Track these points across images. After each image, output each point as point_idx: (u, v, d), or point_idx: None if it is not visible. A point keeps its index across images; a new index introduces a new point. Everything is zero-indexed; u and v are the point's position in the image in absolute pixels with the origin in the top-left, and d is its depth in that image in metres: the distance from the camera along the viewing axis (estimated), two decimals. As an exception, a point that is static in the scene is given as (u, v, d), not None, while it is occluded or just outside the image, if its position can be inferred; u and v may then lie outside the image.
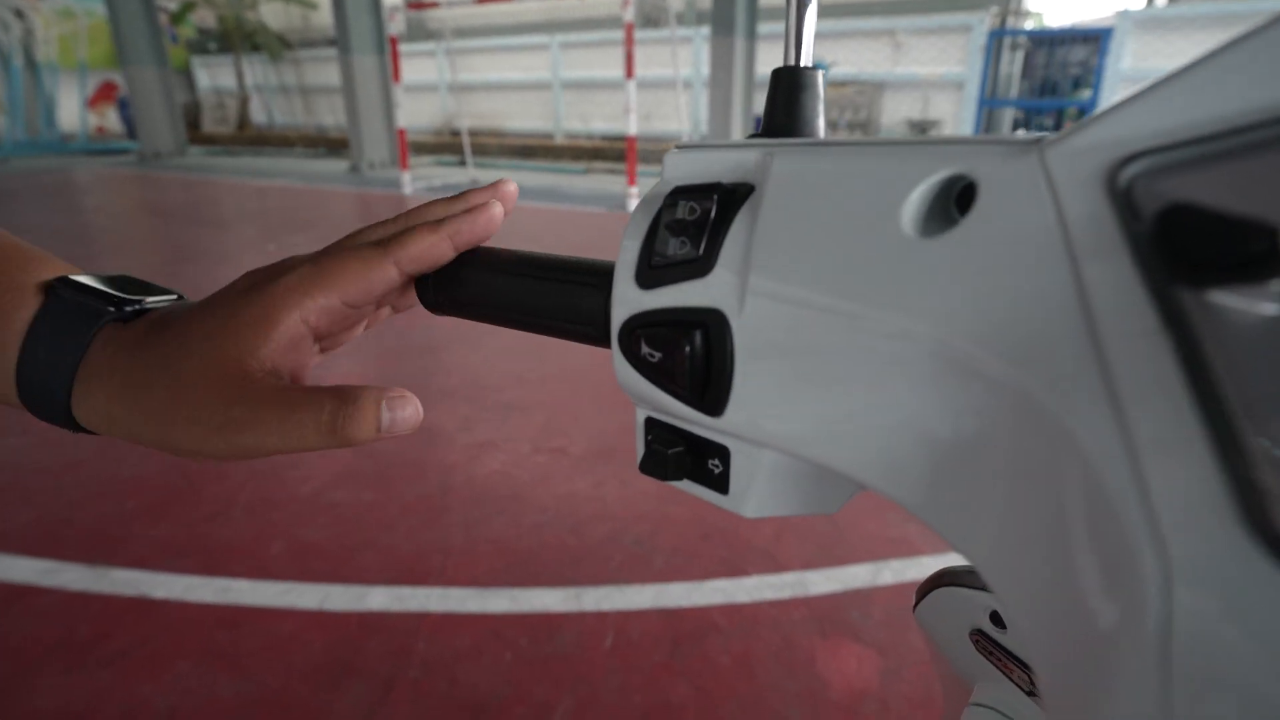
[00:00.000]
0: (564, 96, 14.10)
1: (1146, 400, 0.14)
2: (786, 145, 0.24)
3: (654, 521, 1.87)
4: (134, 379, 0.30)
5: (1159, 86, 0.16)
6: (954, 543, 0.20)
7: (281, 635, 1.47)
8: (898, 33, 10.86)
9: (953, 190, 0.20)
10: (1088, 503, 0.15)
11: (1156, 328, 0.14)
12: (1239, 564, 0.12)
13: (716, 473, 0.26)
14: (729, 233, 0.24)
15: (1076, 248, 0.16)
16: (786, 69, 0.27)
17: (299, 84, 16.54)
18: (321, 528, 1.85)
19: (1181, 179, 0.15)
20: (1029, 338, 0.17)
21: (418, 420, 0.30)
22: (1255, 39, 0.14)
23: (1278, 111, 0.14)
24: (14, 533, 1.80)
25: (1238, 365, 0.14)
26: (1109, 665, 0.14)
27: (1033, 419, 0.17)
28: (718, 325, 0.23)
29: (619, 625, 1.52)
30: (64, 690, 1.32)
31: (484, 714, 1.30)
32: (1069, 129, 0.17)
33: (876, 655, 1.44)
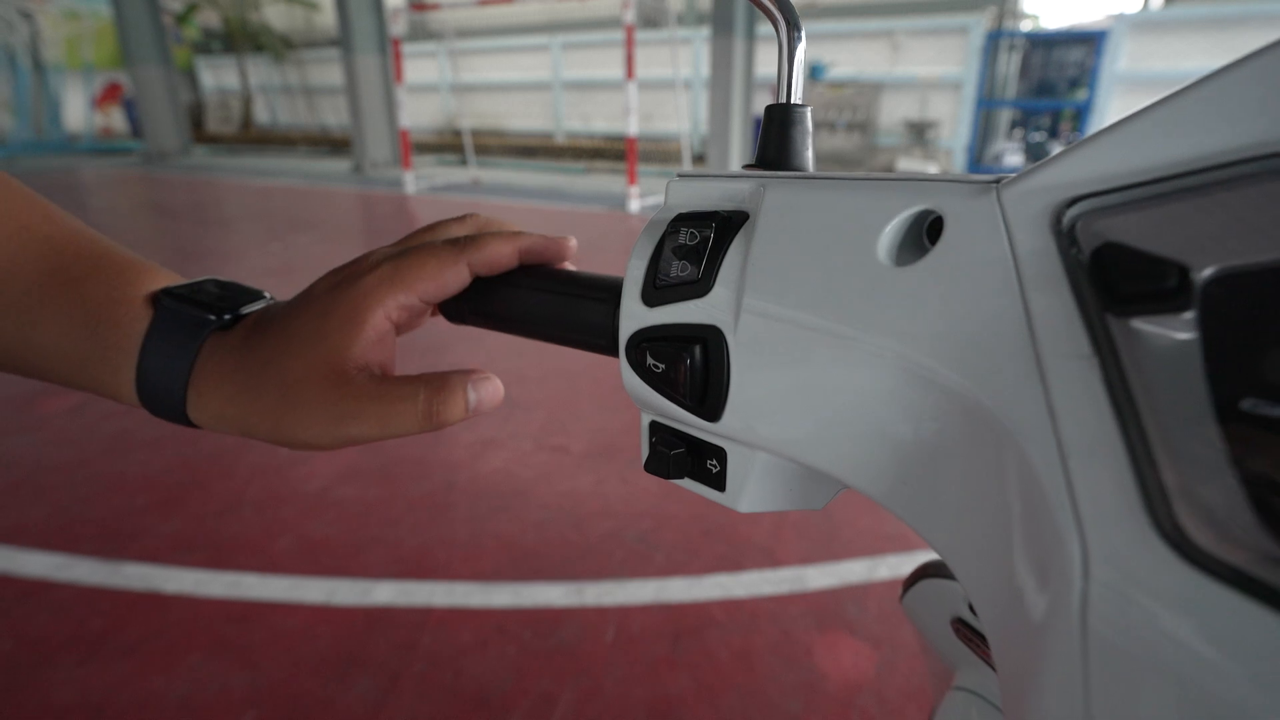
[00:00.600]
0: (565, 97, 14.11)
1: (1076, 413, 0.17)
2: (778, 178, 0.27)
3: (654, 519, 1.90)
4: (244, 383, 0.32)
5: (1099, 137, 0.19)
6: (921, 533, 0.23)
7: (289, 629, 1.50)
8: (896, 34, 10.87)
9: (924, 222, 0.23)
10: (1026, 499, 0.18)
11: (1088, 351, 0.17)
12: (1145, 555, 0.14)
13: (714, 472, 0.29)
14: (725, 257, 0.26)
15: (1025, 278, 0.19)
16: (779, 106, 0.30)
17: (302, 84, 16.55)
18: (328, 524, 1.88)
19: (1114, 221, 0.18)
20: (983, 356, 0.20)
21: (499, 398, 0.33)
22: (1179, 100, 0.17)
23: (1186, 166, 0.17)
24: (28, 527, 1.83)
25: (1153, 384, 0.16)
26: (1042, 641, 0.16)
27: (984, 426, 0.19)
28: (715, 340, 0.26)
29: (620, 619, 1.54)
30: (80, 682, 1.35)
31: (488, 706, 1.32)
32: (1023, 171, 0.20)
33: (872, 649, 1.47)
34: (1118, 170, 0.18)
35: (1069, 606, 0.15)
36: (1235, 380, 0.15)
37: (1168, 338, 0.16)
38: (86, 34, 14.83)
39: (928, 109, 10.78)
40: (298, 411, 0.31)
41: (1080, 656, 0.15)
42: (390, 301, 0.32)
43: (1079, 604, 0.15)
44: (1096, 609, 0.15)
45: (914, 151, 10.84)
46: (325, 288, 0.33)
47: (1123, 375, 0.16)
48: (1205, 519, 0.14)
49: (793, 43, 0.29)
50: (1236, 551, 0.14)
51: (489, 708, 1.32)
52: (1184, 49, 9.07)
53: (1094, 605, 0.15)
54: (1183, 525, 0.14)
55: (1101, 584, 0.15)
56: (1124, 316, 0.17)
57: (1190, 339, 0.16)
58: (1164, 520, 0.15)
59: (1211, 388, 0.16)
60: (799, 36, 0.29)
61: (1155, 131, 0.17)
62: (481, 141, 12.79)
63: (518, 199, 8.34)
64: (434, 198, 8.40)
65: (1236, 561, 0.14)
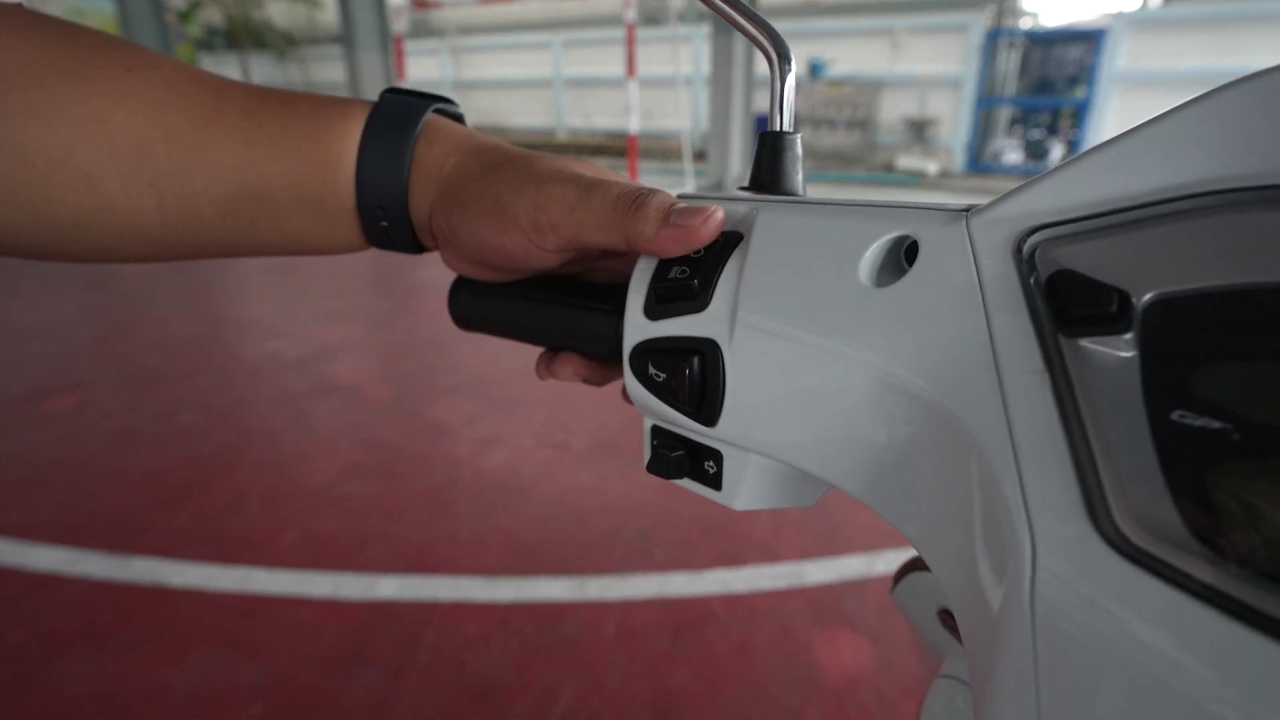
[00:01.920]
0: (566, 94, 14.11)
1: (1030, 423, 0.19)
2: (770, 202, 0.29)
3: (655, 515, 1.92)
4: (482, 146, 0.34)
5: (1057, 172, 0.21)
6: (898, 528, 0.25)
7: (296, 623, 1.52)
8: (895, 32, 10.87)
9: (902, 246, 0.25)
10: (986, 498, 0.20)
11: (1041, 367, 0.19)
12: (1084, 549, 0.16)
13: (711, 473, 0.31)
14: (722, 275, 0.29)
15: (989, 300, 0.21)
16: (771, 133, 0.32)
17: (304, 81, 16.55)
18: (333, 519, 1.90)
19: (1067, 249, 0.20)
20: (952, 369, 0.22)
21: (712, 233, 0.29)
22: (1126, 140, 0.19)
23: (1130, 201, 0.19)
24: (37, 522, 1.86)
25: (1096, 398, 0.18)
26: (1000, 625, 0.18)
27: (951, 432, 0.22)
28: (712, 352, 0.28)
29: (622, 614, 1.57)
30: (90, 674, 1.38)
31: (491, 699, 1.35)
32: (990, 202, 0.22)
33: (870, 643, 1.49)
34: (1071, 203, 0.20)
35: (1021, 594, 0.17)
36: (1167, 395, 0.17)
37: (1111, 356, 0.18)
38: (88, 31, 14.82)
39: (927, 107, 10.78)
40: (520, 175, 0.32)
41: (1030, 638, 0.17)
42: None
43: (1029, 592, 0.17)
44: (1043, 596, 0.17)
45: (913, 149, 10.84)
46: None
47: (1070, 389, 0.18)
48: (1137, 517, 0.16)
49: (784, 74, 0.31)
50: (1163, 546, 0.16)
51: (492, 701, 1.34)
52: (1183, 47, 9.07)
53: (1041, 593, 0.17)
54: (1117, 522, 0.16)
55: (1047, 574, 0.17)
56: (1073, 337, 0.19)
57: (1130, 357, 0.18)
58: (1101, 518, 0.17)
59: (1147, 401, 0.17)
60: (789, 68, 0.31)
61: (1104, 169, 0.20)
62: (482, 139, 12.77)
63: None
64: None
65: (1163, 555, 0.15)
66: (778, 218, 0.28)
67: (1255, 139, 0.17)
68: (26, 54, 0.29)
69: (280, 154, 0.32)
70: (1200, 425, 0.17)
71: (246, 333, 3.59)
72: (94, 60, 0.31)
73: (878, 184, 9.86)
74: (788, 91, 0.32)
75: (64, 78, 0.30)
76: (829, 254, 0.26)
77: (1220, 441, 0.16)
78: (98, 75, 0.30)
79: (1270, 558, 0.15)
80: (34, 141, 0.29)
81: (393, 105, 0.34)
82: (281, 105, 0.33)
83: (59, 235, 0.32)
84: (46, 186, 0.30)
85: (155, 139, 0.31)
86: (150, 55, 0.32)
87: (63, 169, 0.30)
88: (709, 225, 0.29)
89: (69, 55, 0.30)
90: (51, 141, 0.30)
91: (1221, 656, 0.14)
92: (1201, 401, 0.17)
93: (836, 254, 0.26)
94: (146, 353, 3.20)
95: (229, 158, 0.32)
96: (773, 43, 0.31)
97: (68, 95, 0.30)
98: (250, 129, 0.32)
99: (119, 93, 0.31)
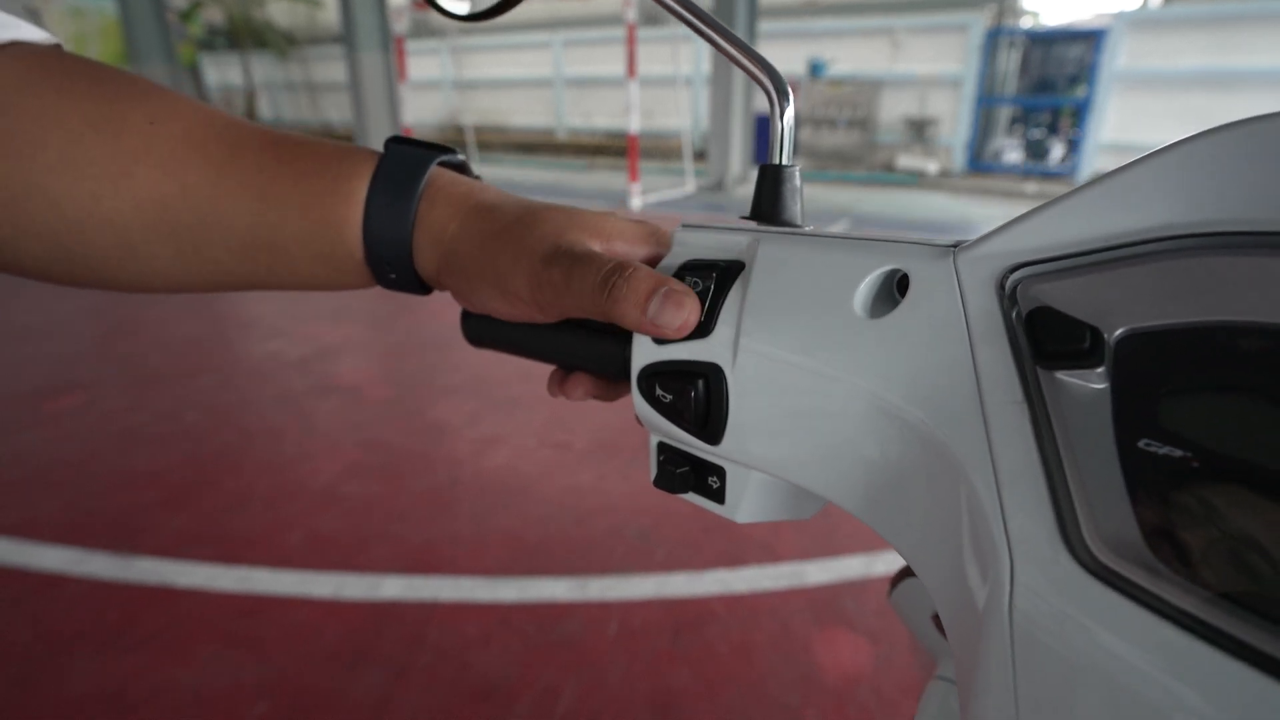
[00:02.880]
0: (566, 93, 14.11)
1: (1009, 449, 0.20)
2: (771, 233, 0.31)
3: (656, 515, 1.93)
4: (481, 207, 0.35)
5: (1039, 212, 0.22)
6: (891, 542, 0.27)
7: (299, 622, 1.53)
8: (896, 31, 10.88)
9: (894, 278, 0.27)
10: (971, 516, 0.21)
11: (1020, 398, 0.21)
12: (1056, 566, 0.18)
13: (715, 487, 0.33)
14: (725, 303, 0.30)
15: (974, 333, 0.23)
16: (771, 166, 0.34)
17: (305, 81, 16.56)
18: (335, 519, 1.91)
19: (1046, 286, 0.22)
20: (940, 397, 0.23)
21: (684, 328, 0.31)
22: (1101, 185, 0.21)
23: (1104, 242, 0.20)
24: (43, 522, 1.87)
25: (1070, 427, 0.20)
26: (983, 632, 0.20)
27: (939, 456, 0.23)
28: (716, 375, 0.30)
29: (622, 614, 1.58)
30: (97, 673, 1.39)
31: (493, 698, 1.36)
32: (976, 239, 0.24)
33: (869, 643, 1.50)
34: (1050, 243, 0.22)
35: (1001, 606, 0.19)
36: (1135, 424, 0.19)
37: (1085, 388, 0.20)
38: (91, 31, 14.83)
39: (927, 106, 10.78)
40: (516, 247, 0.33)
41: (1009, 647, 0.19)
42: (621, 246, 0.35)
43: (1008, 605, 0.19)
44: (1020, 609, 0.18)
45: (914, 149, 10.85)
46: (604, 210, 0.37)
47: (1047, 419, 0.20)
48: (1104, 538, 0.18)
49: (783, 109, 0.32)
50: (1127, 565, 0.17)
51: (495, 700, 1.35)
52: (1182, 47, 9.08)
53: (1018, 606, 0.18)
54: (1087, 543, 0.18)
55: (1024, 589, 0.18)
56: (1050, 369, 0.20)
57: (1102, 389, 0.20)
58: (1073, 539, 0.18)
59: (1116, 431, 0.19)
60: (788, 104, 0.32)
61: (1080, 212, 0.21)
62: (484, 138, 12.81)
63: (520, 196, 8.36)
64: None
65: (1127, 573, 0.17)
66: (778, 249, 0.30)
67: (1213, 189, 0.18)
68: (62, 109, 0.32)
69: (291, 212, 0.34)
70: (1164, 453, 0.18)
71: (248, 332, 3.61)
72: (121, 112, 0.33)
73: (878, 184, 9.87)
74: (787, 126, 0.33)
75: (95, 130, 0.32)
76: (826, 285, 0.27)
77: (1181, 468, 0.18)
78: (124, 129, 0.33)
79: (1224, 577, 0.16)
80: (65, 191, 0.32)
81: (396, 161, 0.35)
82: (293, 160, 0.35)
83: (87, 271, 0.34)
84: (76, 231, 0.33)
85: (174, 193, 0.33)
86: (171, 103, 0.34)
87: (91, 217, 0.33)
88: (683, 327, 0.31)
89: (99, 104, 0.32)
90: (81, 192, 0.32)
91: (1179, 669, 0.15)
92: (1166, 431, 0.18)
93: (833, 285, 0.27)
94: (149, 352, 3.21)
95: (243, 213, 0.34)
96: (772, 80, 0.32)
97: (97, 150, 0.32)
98: (263, 185, 0.34)
99: (142, 147, 0.33)
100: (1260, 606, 0.15)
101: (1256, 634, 0.15)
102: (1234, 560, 0.16)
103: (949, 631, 0.24)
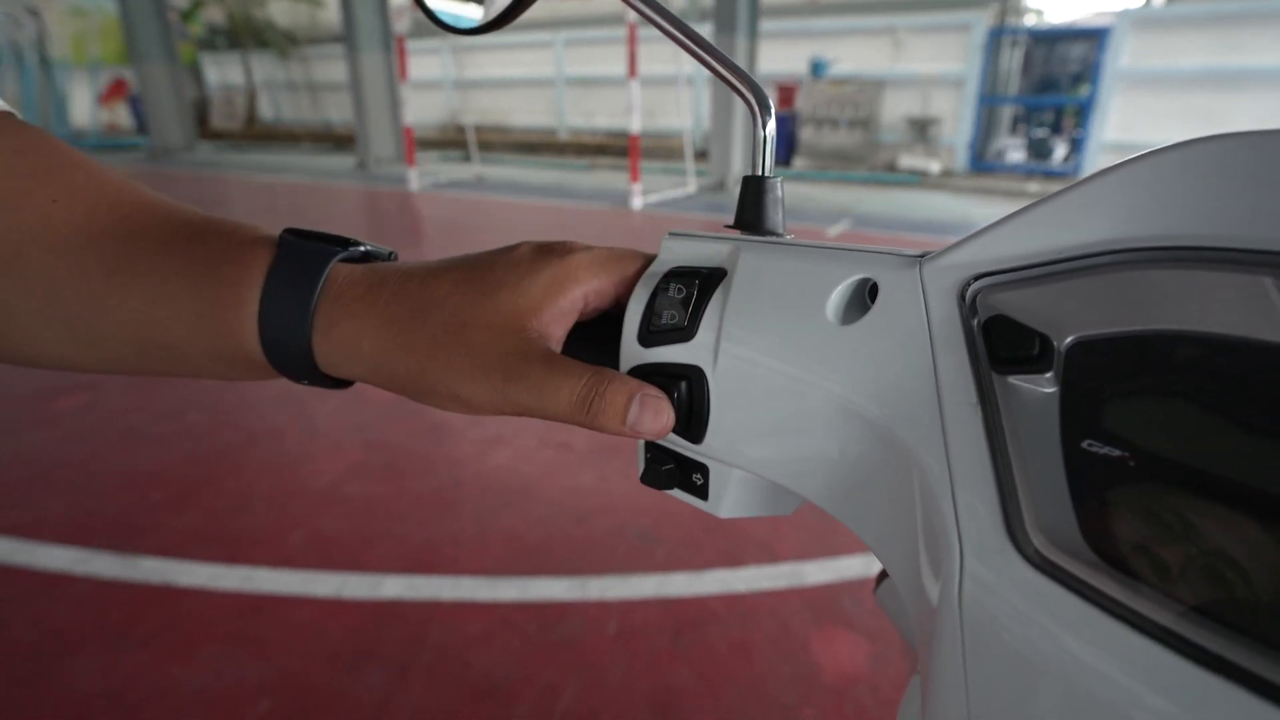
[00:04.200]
0: (568, 93, 14.13)
1: (963, 448, 0.22)
2: (752, 242, 0.32)
3: (656, 515, 1.94)
4: (397, 315, 0.31)
5: (1000, 225, 0.24)
6: (861, 537, 0.28)
7: (302, 621, 1.54)
8: (898, 31, 10.88)
9: (866, 286, 0.28)
10: (927, 511, 0.23)
11: (975, 401, 0.22)
12: (1000, 559, 0.19)
13: (699, 484, 0.34)
14: (707, 309, 0.31)
15: (935, 339, 0.24)
16: (754, 177, 0.35)
17: (306, 80, 16.59)
18: (338, 519, 1.92)
19: (1002, 296, 0.23)
20: (903, 400, 0.25)
21: (663, 431, 0.31)
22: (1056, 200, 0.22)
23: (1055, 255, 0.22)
24: (46, 522, 1.88)
25: (1020, 429, 0.21)
26: (938, 620, 0.21)
27: (901, 455, 0.25)
28: (698, 377, 0.31)
29: (623, 613, 1.59)
30: (100, 672, 1.40)
31: (495, 696, 1.37)
32: (941, 250, 0.25)
33: (867, 642, 1.51)
34: (1007, 254, 0.23)
35: (952, 595, 0.20)
36: (1080, 426, 0.20)
37: (1035, 392, 0.21)
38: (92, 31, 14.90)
39: (930, 106, 10.78)
40: (461, 359, 0.31)
41: (959, 633, 0.20)
42: (593, 282, 0.33)
43: (958, 593, 0.20)
44: (969, 596, 0.20)
45: (916, 148, 10.84)
46: (527, 254, 0.33)
47: (998, 421, 0.21)
48: (1046, 532, 0.19)
49: (764, 123, 0.33)
50: (1066, 557, 0.18)
51: (496, 698, 1.36)
52: (1185, 46, 9.08)
53: (967, 592, 0.20)
54: (1030, 536, 0.19)
55: (971, 579, 0.20)
56: (1003, 374, 0.22)
57: (1051, 393, 0.21)
58: (1017, 533, 0.19)
59: (1062, 432, 0.20)
60: (769, 117, 0.33)
61: (1035, 226, 0.22)
62: (485, 138, 12.82)
63: (521, 196, 8.38)
64: (437, 194, 8.43)
65: (1065, 565, 0.18)
66: (758, 258, 0.31)
67: (1154, 206, 0.20)
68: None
69: (183, 317, 0.32)
70: (1104, 453, 0.19)
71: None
72: (27, 187, 0.31)
73: (880, 183, 9.87)
74: (768, 139, 0.34)
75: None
76: (801, 293, 0.29)
77: (1118, 467, 0.19)
78: (25, 204, 0.31)
79: (1155, 569, 0.17)
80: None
81: (290, 261, 0.32)
82: (186, 258, 0.32)
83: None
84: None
85: (65, 282, 0.31)
86: (80, 182, 0.33)
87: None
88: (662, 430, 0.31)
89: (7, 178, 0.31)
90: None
91: (1111, 655, 0.17)
92: (1108, 433, 0.19)
93: (807, 293, 0.29)
94: (152, 353, 3.22)
95: (135, 313, 0.32)
96: (754, 94, 0.33)
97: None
98: (154, 286, 0.32)
99: (39, 227, 0.31)
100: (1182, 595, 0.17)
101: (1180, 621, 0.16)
102: (1163, 553, 0.17)
103: (915, 625, 0.25)
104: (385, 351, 0.32)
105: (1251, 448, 0.17)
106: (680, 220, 6.87)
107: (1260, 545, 0.16)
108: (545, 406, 0.30)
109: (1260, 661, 0.15)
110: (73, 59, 14.69)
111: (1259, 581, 0.16)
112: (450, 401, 0.32)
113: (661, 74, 10.66)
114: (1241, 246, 0.18)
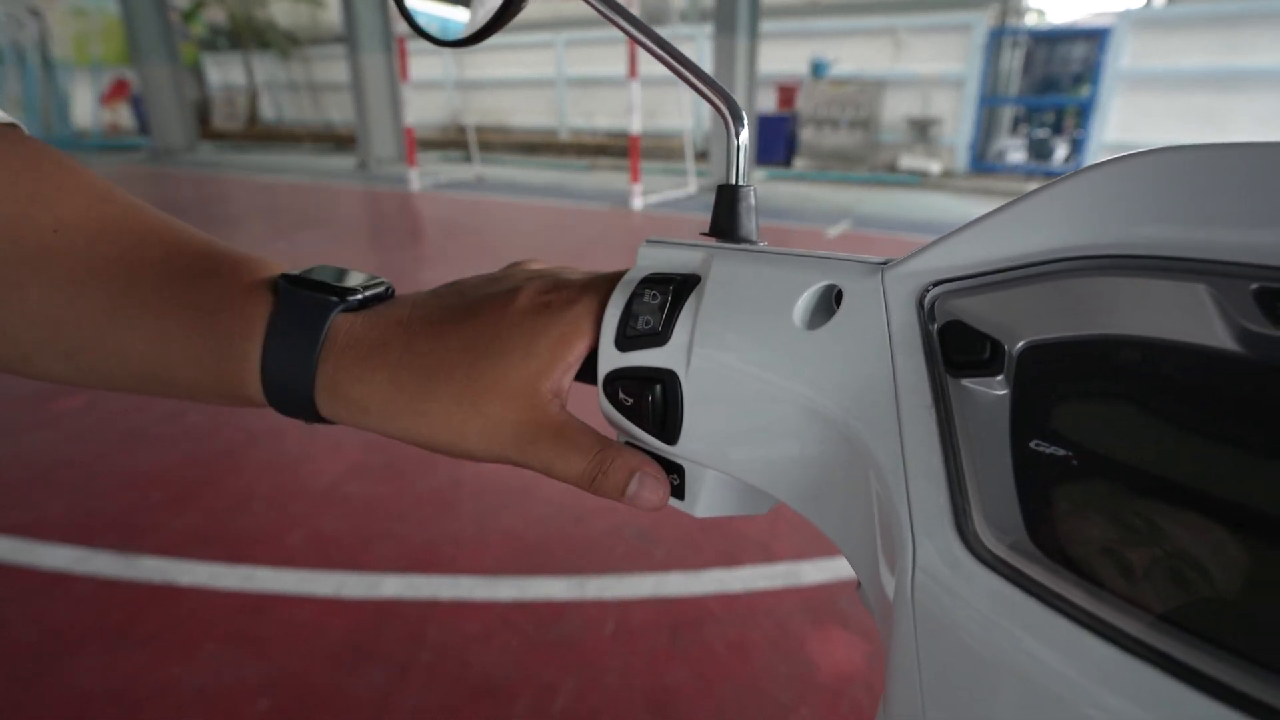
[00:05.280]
0: (568, 93, 14.14)
1: (918, 448, 0.23)
2: (724, 249, 0.33)
3: (654, 515, 1.94)
4: (406, 382, 0.32)
5: (958, 234, 0.25)
6: (826, 533, 0.29)
7: (301, 621, 1.55)
8: (898, 31, 10.89)
9: (832, 292, 0.29)
10: (882, 507, 0.24)
11: (930, 403, 0.23)
12: (949, 554, 0.20)
13: (675, 484, 0.35)
14: (680, 314, 0.32)
15: (895, 344, 0.25)
16: (728, 186, 0.36)
17: (307, 81, 16.62)
18: (337, 518, 1.93)
19: (958, 302, 0.24)
20: (864, 402, 0.26)
21: (659, 504, 0.34)
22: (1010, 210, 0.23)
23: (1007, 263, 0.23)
24: (48, 521, 1.89)
25: (971, 430, 0.22)
26: (894, 612, 0.22)
27: (862, 454, 0.26)
28: (672, 381, 0.32)
29: (620, 613, 1.59)
30: (100, 671, 1.41)
31: (493, 695, 1.37)
32: (903, 257, 0.26)
33: (864, 641, 1.51)
34: (964, 262, 0.24)
35: (905, 588, 0.21)
36: (1028, 427, 0.21)
37: (987, 394, 0.22)
38: (94, 31, 14.93)
39: (930, 106, 10.78)
40: (475, 431, 0.32)
41: (912, 624, 0.21)
42: (593, 334, 0.34)
43: (910, 586, 0.21)
44: (921, 588, 0.21)
45: (916, 149, 10.85)
46: (527, 308, 0.33)
47: (951, 422, 0.22)
48: (993, 528, 0.20)
49: (738, 133, 0.34)
50: (1011, 552, 0.19)
51: (494, 697, 1.37)
52: (1186, 46, 9.08)
53: (919, 585, 0.21)
54: (978, 532, 0.20)
55: (922, 573, 0.21)
56: (957, 377, 0.23)
57: (1003, 395, 0.22)
58: (965, 529, 0.20)
59: (1012, 432, 0.21)
60: (743, 128, 0.34)
61: (989, 234, 0.24)
62: (485, 138, 12.83)
63: (522, 196, 8.39)
64: (438, 194, 8.44)
65: (1010, 560, 0.19)
66: (730, 265, 0.32)
67: (1103, 216, 0.21)
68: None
69: (186, 363, 0.33)
70: (1049, 452, 0.20)
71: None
72: (29, 213, 0.31)
73: (881, 184, 9.88)
74: (741, 148, 0.35)
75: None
76: (770, 298, 0.30)
77: (1062, 467, 0.20)
78: (26, 233, 0.31)
79: (1095, 564, 0.18)
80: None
81: (290, 314, 0.33)
82: (186, 302, 0.33)
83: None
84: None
85: (67, 317, 0.32)
86: (84, 208, 0.32)
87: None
88: (659, 503, 0.34)
89: (9, 204, 0.31)
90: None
91: (1054, 649, 0.18)
92: (1055, 433, 0.20)
93: (775, 299, 0.30)
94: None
95: (137, 350, 0.32)
96: (727, 105, 0.34)
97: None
98: (156, 332, 0.32)
99: (40, 258, 0.31)
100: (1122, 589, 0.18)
101: (1121, 616, 0.17)
102: (1105, 549, 0.18)
103: (877, 621, 0.26)
104: (394, 416, 0.32)
105: (1187, 448, 0.18)
106: (680, 220, 6.88)
107: (1193, 540, 0.17)
108: (553, 474, 0.33)
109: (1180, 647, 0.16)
110: (75, 59, 14.72)
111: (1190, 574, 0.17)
112: (459, 457, 0.33)
113: (662, 74, 10.62)
114: (1175, 255, 0.19)
